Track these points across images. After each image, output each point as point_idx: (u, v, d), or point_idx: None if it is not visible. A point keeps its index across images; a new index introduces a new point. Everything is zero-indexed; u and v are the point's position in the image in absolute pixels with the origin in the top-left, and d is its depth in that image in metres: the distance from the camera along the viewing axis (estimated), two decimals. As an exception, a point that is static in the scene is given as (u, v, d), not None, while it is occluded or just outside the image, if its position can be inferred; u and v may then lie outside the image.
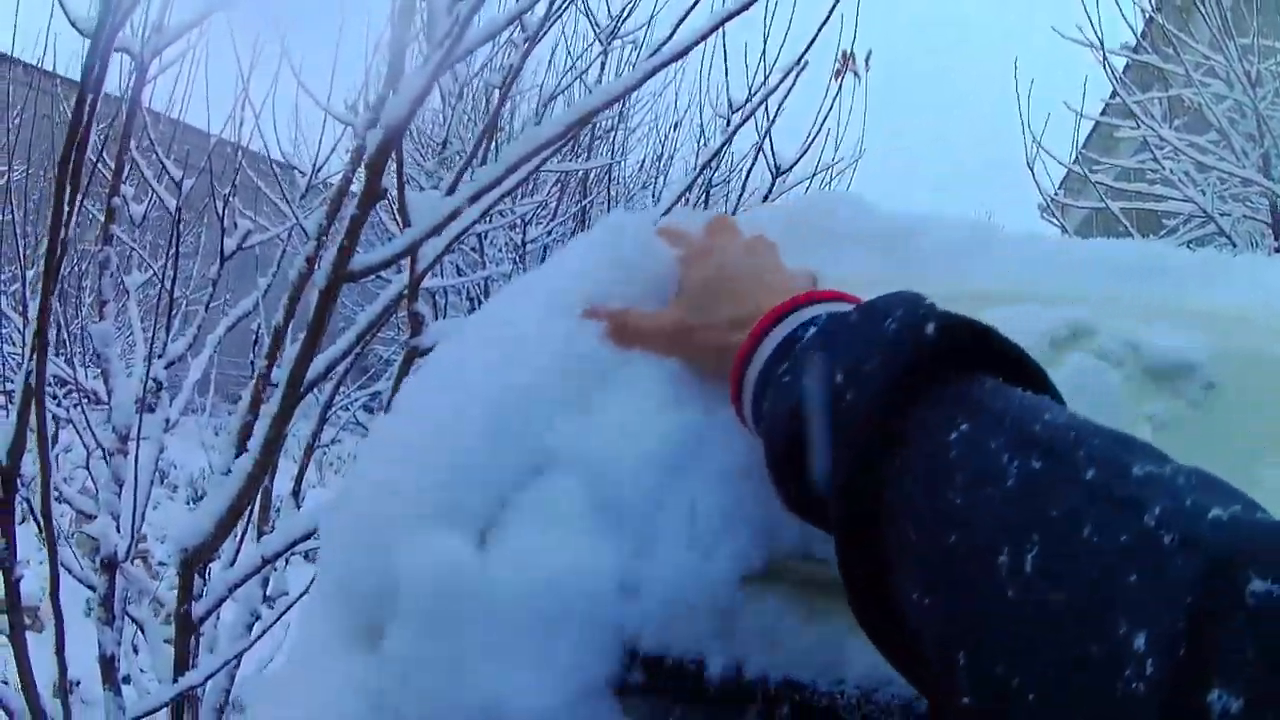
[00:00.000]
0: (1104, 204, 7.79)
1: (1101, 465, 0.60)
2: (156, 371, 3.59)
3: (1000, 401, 0.70)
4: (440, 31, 1.84)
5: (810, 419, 0.77)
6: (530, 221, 9.36)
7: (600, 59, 7.11)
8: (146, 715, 2.47)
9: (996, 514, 0.62)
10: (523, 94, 9.13)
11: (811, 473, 0.78)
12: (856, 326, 0.79)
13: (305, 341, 2.14)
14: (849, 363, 0.76)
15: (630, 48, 7.62)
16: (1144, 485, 0.58)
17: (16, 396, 2.36)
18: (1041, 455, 0.63)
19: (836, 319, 0.83)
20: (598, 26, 6.47)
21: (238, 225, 4.11)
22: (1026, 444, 0.64)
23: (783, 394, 0.82)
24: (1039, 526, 0.59)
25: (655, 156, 11.32)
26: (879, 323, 0.77)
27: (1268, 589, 0.48)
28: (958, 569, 0.63)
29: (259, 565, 2.37)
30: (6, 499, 2.54)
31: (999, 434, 0.66)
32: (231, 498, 2.15)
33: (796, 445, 0.78)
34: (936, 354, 0.74)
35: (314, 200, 5.51)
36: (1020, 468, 0.63)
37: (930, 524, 0.66)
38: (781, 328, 0.89)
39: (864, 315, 0.80)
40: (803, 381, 0.80)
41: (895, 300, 0.79)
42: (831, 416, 0.75)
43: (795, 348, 0.85)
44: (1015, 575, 0.58)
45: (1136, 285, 1.20)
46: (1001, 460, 0.64)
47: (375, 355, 12.66)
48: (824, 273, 1.09)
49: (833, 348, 0.79)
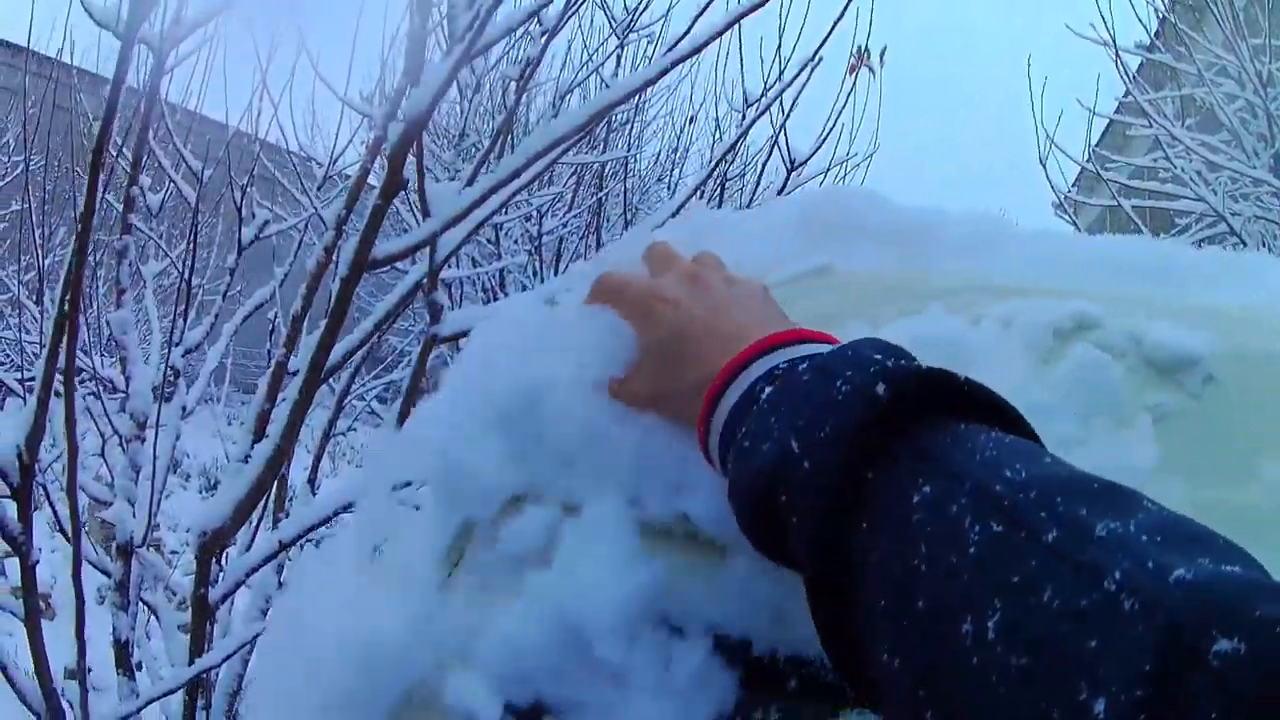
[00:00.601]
0: (1116, 202, 7.79)
1: (1063, 526, 0.60)
2: (174, 359, 3.63)
3: (961, 456, 0.70)
4: (461, 26, 1.86)
5: (770, 489, 0.77)
6: (546, 213, 9.38)
7: (616, 53, 7.15)
8: (163, 697, 2.51)
9: (959, 581, 0.63)
10: (539, 87, 9.16)
11: (779, 539, 0.78)
12: (809, 388, 0.79)
13: (326, 328, 2.17)
14: (802, 430, 0.76)
15: (646, 42, 7.60)
16: (1105, 546, 0.58)
17: (37, 383, 2.38)
18: (1002, 518, 0.63)
19: (791, 380, 0.82)
20: (614, 21, 6.50)
21: (255, 215, 4.14)
22: (987, 506, 0.65)
23: (743, 459, 0.81)
24: (1000, 592, 0.59)
25: (671, 150, 11.35)
26: (830, 384, 0.77)
27: (1233, 648, 0.49)
28: (924, 634, 0.63)
29: (275, 550, 2.40)
30: (24, 485, 2.57)
31: (960, 495, 0.66)
32: (251, 483, 2.18)
33: (761, 511, 0.78)
34: (890, 413, 0.73)
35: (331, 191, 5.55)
36: (981, 532, 0.63)
37: (896, 590, 0.66)
38: (741, 379, 0.87)
39: (816, 375, 0.79)
40: (760, 448, 0.79)
41: (849, 357, 0.79)
42: (791, 487, 0.75)
43: (753, 408, 0.83)
44: (979, 641, 0.59)
45: (1143, 282, 1.20)
46: (963, 524, 0.65)
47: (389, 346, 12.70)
48: (839, 265, 1.11)
49: (787, 413, 0.79)
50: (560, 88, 6.12)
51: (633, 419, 0.97)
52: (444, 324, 2.45)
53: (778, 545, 0.79)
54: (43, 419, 2.42)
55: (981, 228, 1.30)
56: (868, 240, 1.23)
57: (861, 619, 0.70)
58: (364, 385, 7.45)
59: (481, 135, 9.54)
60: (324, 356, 2.16)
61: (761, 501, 0.77)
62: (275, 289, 4.17)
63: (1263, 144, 7.44)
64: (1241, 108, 7.70)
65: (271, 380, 2.54)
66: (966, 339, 0.99)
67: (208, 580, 2.37)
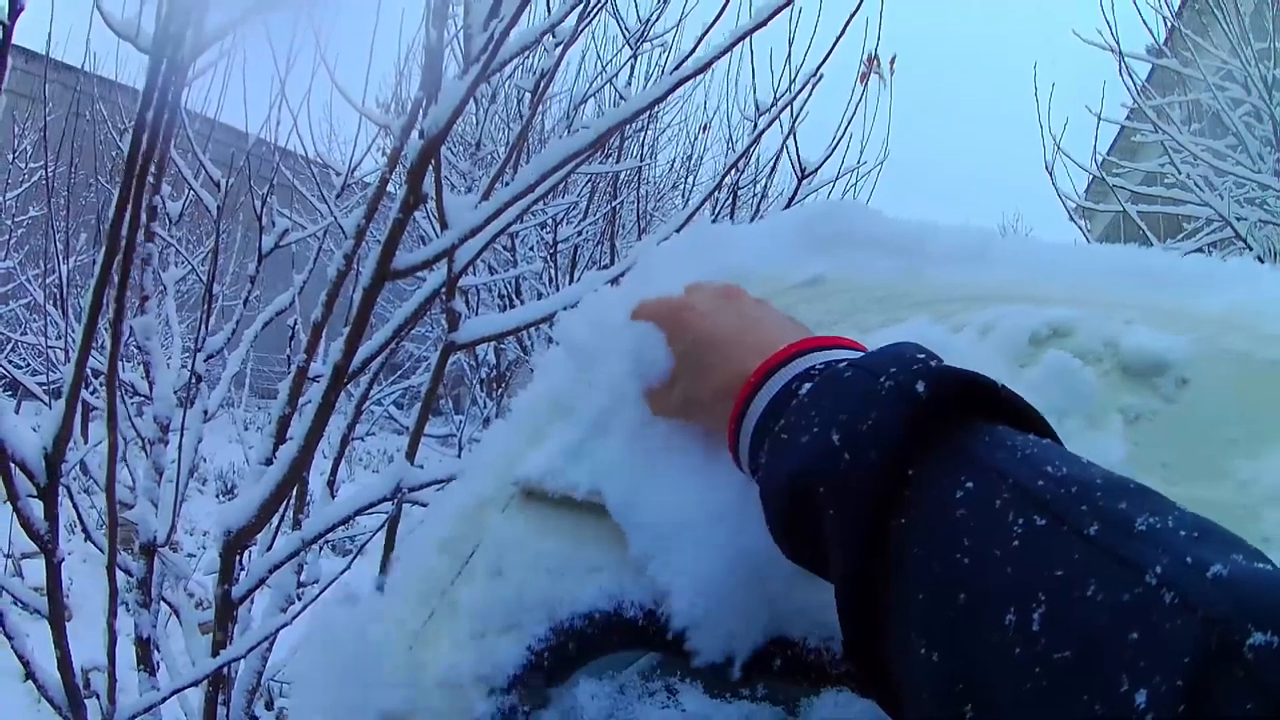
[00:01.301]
0: (1122, 209, 7.81)
1: (1103, 521, 0.61)
2: (196, 364, 3.70)
3: (1001, 455, 0.71)
4: (476, 47, 1.93)
5: (808, 482, 0.77)
6: (561, 221, 9.45)
7: (630, 63, 7.20)
8: (189, 687, 2.57)
9: (1003, 574, 0.63)
10: (554, 97, 9.23)
11: (811, 531, 0.78)
12: (851, 383, 0.80)
13: (349, 335, 2.24)
14: (845, 423, 0.77)
15: (660, 50, 7.70)
16: (1145, 541, 0.59)
17: (67, 386, 2.45)
18: (1044, 513, 0.64)
19: (831, 375, 0.83)
20: (627, 31, 6.57)
21: (275, 223, 4.21)
22: (1029, 501, 0.65)
23: (780, 451, 0.83)
24: (1044, 586, 0.60)
25: (685, 157, 11.43)
26: (874, 380, 0.78)
27: (1267, 641, 0.50)
28: (966, 627, 0.64)
29: (299, 547, 2.47)
30: (50, 485, 2.65)
31: (1002, 491, 0.67)
32: (275, 483, 2.25)
33: (796, 504, 0.79)
34: (931, 410, 0.74)
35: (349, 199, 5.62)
36: (1024, 526, 0.64)
37: (937, 583, 0.67)
38: (776, 379, 0.90)
39: (858, 372, 0.80)
40: (800, 440, 0.80)
41: (889, 356, 0.80)
42: (831, 480, 0.75)
43: (791, 402, 0.85)
44: (1022, 633, 0.59)
45: (1127, 288, 1.24)
46: (1006, 518, 0.65)
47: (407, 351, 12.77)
48: (831, 275, 1.17)
49: (828, 406, 0.80)
50: (574, 98, 6.20)
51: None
52: (461, 331, 2.51)
53: (805, 543, 0.80)
54: (70, 420, 2.50)
55: (969, 239, 1.36)
56: (861, 251, 1.28)
57: (897, 614, 0.70)
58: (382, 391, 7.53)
59: (497, 144, 9.63)
60: (347, 362, 2.23)
61: (797, 494, 0.78)
62: (295, 296, 4.23)
63: (1268, 148, 7.47)
64: (1247, 112, 7.72)
65: (293, 385, 2.61)
66: (947, 345, 1.01)
67: (232, 577, 2.45)
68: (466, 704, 0.97)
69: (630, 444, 1.02)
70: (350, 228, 2.49)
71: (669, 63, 7.24)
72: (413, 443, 2.64)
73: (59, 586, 2.77)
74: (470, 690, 0.97)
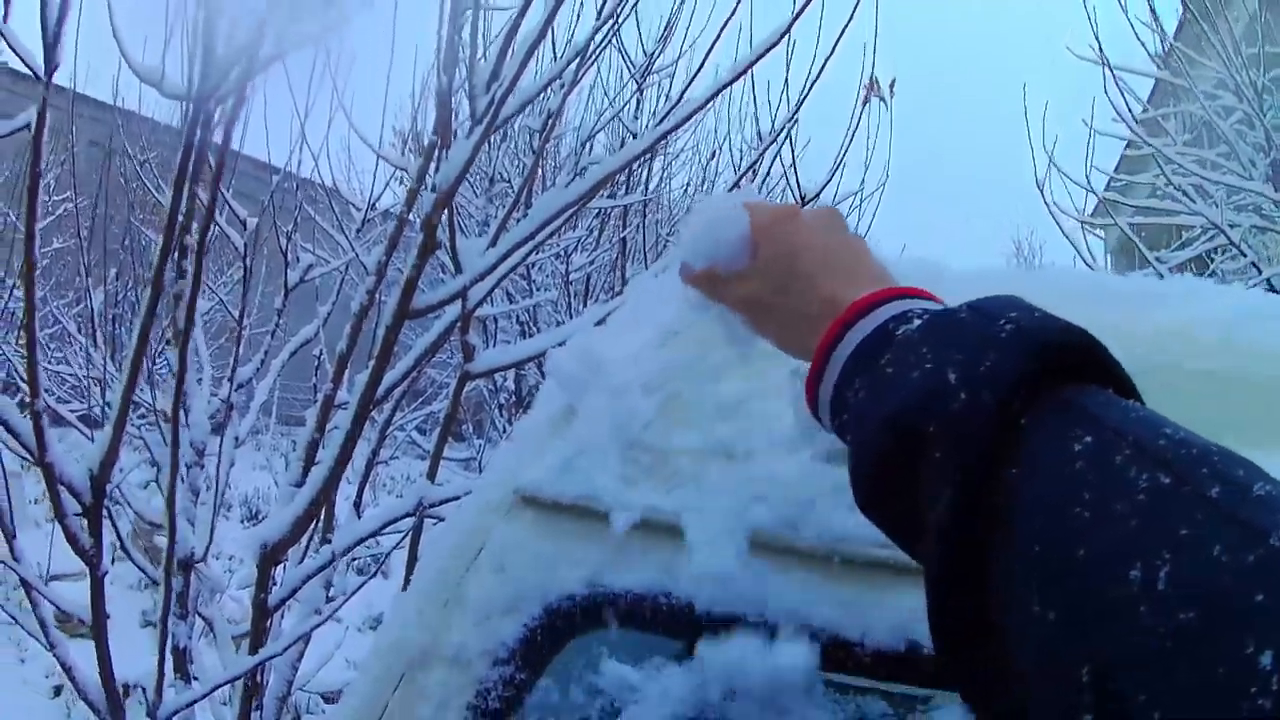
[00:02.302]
0: (1114, 222, 7.94)
1: (1225, 482, 0.61)
2: (228, 394, 3.92)
3: (1117, 414, 0.70)
4: (480, 108, 2.14)
5: (918, 417, 0.76)
6: (575, 250, 9.65)
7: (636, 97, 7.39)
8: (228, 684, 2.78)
9: (1127, 529, 0.62)
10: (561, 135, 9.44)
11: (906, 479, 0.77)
12: (966, 325, 0.78)
13: (374, 368, 2.45)
14: (963, 362, 0.75)
15: (666, 80, 7.78)
16: (1265, 505, 0.59)
17: (114, 412, 2.67)
18: (1167, 471, 0.63)
19: (943, 315, 0.81)
20: (632, 66, 6.75)
21: (300, 259, 4.43)
22: (1151, 459, 0.65)
23: (883, 387, 0.81)
24: (1170, 544, 0.59)
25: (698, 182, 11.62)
26: (993, 322, 0.76)
27: None
28: (1086, 583, 0.62)
29: (330, 559, 2.68)
30: (95, 504, 2.86)
31: (1123, 447, 0.66)
32: (308, 502, 2.47)
33: (899, 443, 0.77)
34: (1053, 360, 0.73)
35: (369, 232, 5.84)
36: (1148, 482, 0.63)
37: (1054, 536, 0.65)
38: (871, 318, 0.88)
39: (976, 314, 0.78)
40: (909, 375, 0.78)
41: (1006, 302, 0.79)
42: (944, 417, 0.74)
43: (895, 338, 0.83)
44: (1148, 592, 0.58)
45: (1075, 310, 1.42)
46: (1129, 474, 0.64)
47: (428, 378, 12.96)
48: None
49: (943, 344, 0.78)
50: (582, 134, 6.39)
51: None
52: (476, 362, 2.73)
53: (896, 493, 0.79)
54: (117, 446, 2.72)
55: (922, 269, 1.55)
56: None
57: (1003, 569, 0.69)
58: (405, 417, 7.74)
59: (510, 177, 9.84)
60: (373, 392, 2.44)
61: (901, 433, 0.77)
62: (319, 327, 4.45)
63: (1260, 154, 7.55)
64: (1239, 120, 7.81)
65: (321, 413, 2.83)
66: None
67: (268, 586, 2.66)
68: (476, 675, 1.18)
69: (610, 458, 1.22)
70: (371, 264, 2.71)
71: (674, 90, 7.44)
72: (433, 464, 2.85)
73: (102, 599, 2.98)
74: (477, 663, 1.17)
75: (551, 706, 1.15)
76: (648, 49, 6.82)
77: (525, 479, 1.26)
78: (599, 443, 1.22)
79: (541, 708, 1.15)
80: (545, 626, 1.15)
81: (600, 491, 1.18)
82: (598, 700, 1.12)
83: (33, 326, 2.78)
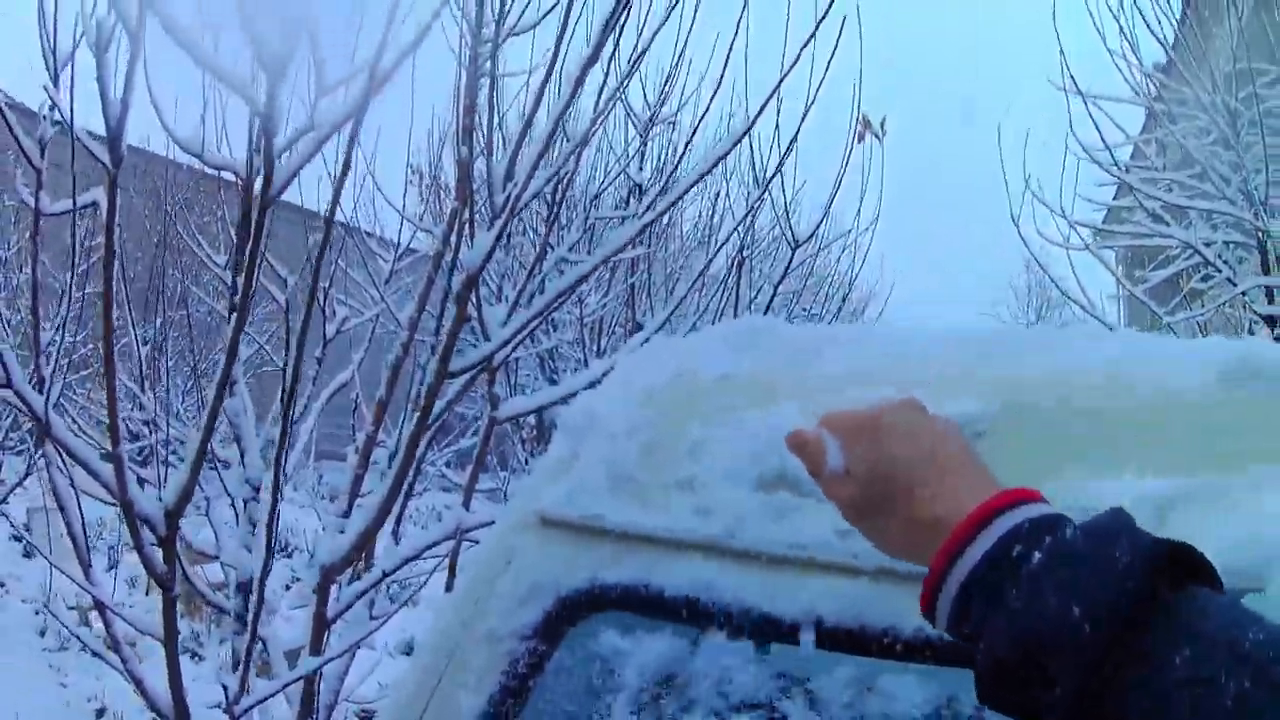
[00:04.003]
0: (1085, 246, 8.16)
1: None
2: (274, 435, 4.36)
3: (1211, 620, 0.82)
4: (499, 203, 2.58)
5: (1046, 648, 0.85)
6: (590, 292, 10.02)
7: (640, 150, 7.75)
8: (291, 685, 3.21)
9: None
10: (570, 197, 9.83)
11: (1033, 693, 0.87)
12: (1085, 557, 0.88)
13: (419, 420, 2.88)
14: (1087, 598, 0.85)
15: (671, 128, 8.10)
16: None
17: (191, 453, 3.10)
18: (1252, 676, 0.74)
19: (1063, 546, 0.91)
20: (636, 120, 7.08)
21: (335, 313, 4.87)
22: (1238, 664, 0.76)
23: (1013, 615, 0.89)
24: None
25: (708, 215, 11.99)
26: (1109, 551, 0.87)
27: None
28: None
29: (379, 578, 3.12)
30: (170, 535, 3.30)
31: (1214, 655, 0.78)
32: (359, 532, 2.90)
33: (1028, 665, 0.87)
34: (1161, 576, 0.85)
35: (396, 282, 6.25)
36: (1235, 688, 0.74)
37: None
38: (985, 536, 0.97)
39: (1091, 542, 0.89)
40: (1039, 608, 0.87)
41: (1115, 525, 0.91)
42: (1071, 650, 0.84)
43: (1018, 570, 0.91)
44: None
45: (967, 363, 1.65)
46: (1219, 681, 0.75)
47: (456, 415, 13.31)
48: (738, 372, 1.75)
49: (1068, 580, 0.87)
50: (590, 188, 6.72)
51: None
52: (501, 410, 3.16)
53: (1023, 702, 0.89)
54: (193, 485, 3.15)
55: (854, 333, 1.92)
56: (771, 352, 1.81)
57: None
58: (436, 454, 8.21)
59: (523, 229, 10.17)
60: (419, 439, 2.87)
61: (1030, 658, 0.87)
62: (354, 371, 4.88)
63: (1236, 174, 7.67)
64: (1215, 140, 7.97)
65: (364, 451, 3.26)
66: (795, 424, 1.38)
67: (326, 601, 3.09)
68: (508, 649, 1.59)
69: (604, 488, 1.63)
70: (404, 320, 3.16)
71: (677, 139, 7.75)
72: (466, 496, 3.29)
73: (174, 618, 3.41)
74: (508, 640, 1.59)
75: (565, 669, 1.57)
76: (650, 101, 7.19)
77: (542, 503, 1.67)
78: (596, 477, 1.63)
79: (557, 670, 1.57)
80: (559, 611, 1.57)
81: (595, 512, 1.59)
82: (598, 663, 1.54)
83: (112, 384, 3.21)
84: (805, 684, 1.43)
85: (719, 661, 1.46)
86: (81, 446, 3.25)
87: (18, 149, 3.41)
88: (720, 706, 1.44)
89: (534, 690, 1.58)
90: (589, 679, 1.55)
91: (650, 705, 1.48)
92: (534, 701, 1.57)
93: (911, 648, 1.31)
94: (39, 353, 3.52)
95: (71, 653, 9.89)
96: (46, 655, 10.22)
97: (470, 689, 1.61)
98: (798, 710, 1.42)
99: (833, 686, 1.41)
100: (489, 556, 1.72)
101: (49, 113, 3.69)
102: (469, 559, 1.80)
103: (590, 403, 1.76)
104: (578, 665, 1.57)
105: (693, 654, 1.48)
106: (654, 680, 1.49)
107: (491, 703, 1.59)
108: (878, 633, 1.35)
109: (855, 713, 1.38)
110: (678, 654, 1.49)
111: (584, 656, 1.56)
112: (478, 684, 1.61)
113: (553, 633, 1.58)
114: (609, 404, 1.74)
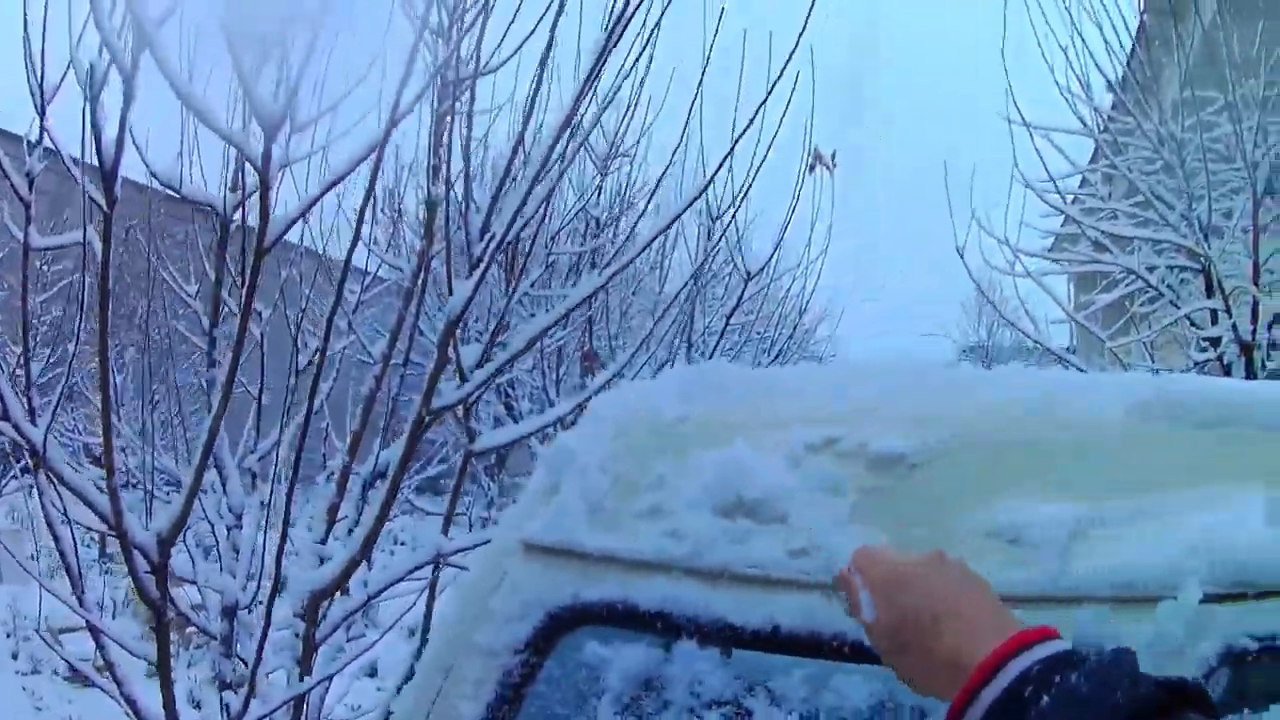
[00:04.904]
0: (1028, 273, 8.28)
1: None
2: (251, 464, 4.55)
3: None
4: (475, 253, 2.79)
5: None
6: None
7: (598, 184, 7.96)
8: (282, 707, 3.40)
9: None
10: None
11: None
12: (1090, 701, 0.96)
13: (403, 455, 3.08)
14: None
15: (627, 161, 8.26)
16: None
17: (188, 486, 3.28)
18: None
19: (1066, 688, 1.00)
20: (596, 160, 7.28)
21: (308, 344, 5.06)
22: None
23: None
24: None
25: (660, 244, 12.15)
26: (1109, 694, 0.95)
27: None
28: None
29: (365, 600, 3.31)
30: (162, 562, 3.47)
31: None
32: (344, 561, 3.10)
33: None
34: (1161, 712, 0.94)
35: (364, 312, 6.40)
36: None
37: None
38: (1001, 677, 1.06)
39: (1093, 686, 0.97)
40: None
41: (1117, 668, 0.99)
42: None
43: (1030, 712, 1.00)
44: None
45: (903, 400, 1.85)
46: None
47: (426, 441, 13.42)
48: (692, 414, 1.95)
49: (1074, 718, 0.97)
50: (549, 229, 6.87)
51: None
52: (477, 444, 3.37)
53: None
54: (186, 515, 3.33)
55: (795, 374, 2.14)
56: (721, 392, 2.00)
57: None
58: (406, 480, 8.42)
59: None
60: (401, 476, 3.07)
61: None
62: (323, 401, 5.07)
63: (1179, 199, 7.78)
64: (1160, 167, 8.13)
65: (339, 481, 3.46)
66: (747, 458, 1.70)
67: (315, 624, 3.28)
68: (501, 661, 1.80)
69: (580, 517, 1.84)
70: (377, 354, 3.37)
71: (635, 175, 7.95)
72: (445, 523, 3.50)
73: (168, 640, 3.59)
74: (502, 653, 1.80)
75: (555, 678, 1.77)
76: (609, 137, 7.23)
77: (527, 531, 1.88)
78: (575, 506, 1.83)
79: (548, 680, 1.78)
80: (547, 626, 1.78)
81: (576, 538, 1.80)
82: (583, 671, 1.74)
83: (108, 420, 3.39)
84: (766, 684, 1.62)
85: (691, 666, 1.65)
86: (77, 478, 3.41)
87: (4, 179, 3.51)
88: (693, 705, 1.64)
89: (527, 697, 1.78)
90: (577, 685, 1.75)
91: (632, 706, 1.68)
92: (528, 707, 1.78)
93: (858, 651, 1.47)
94: (30, 384, 3.66)
95: (45, 676, 9.95)
96: (20, 678, 10.26)
97: (469, 698, 1.81)
98: (761, 707, 1.61)
99: (791, 686, 1.60)
100: (481, 578, 1.93)
101: (36, 145, 3.75)
102: (458, 582, 2.01)
103: (567, 440, 1.97)
104: (566, 674, 1.76)
105: (667, 661, 1.67)
106: (634, 685, 1.69)
107: (489, 710, 1.79)
108: (828, 638, 1.54)
109: (810, 708, 1.57)
110: (654, 661, 1.68)
111: (571, 666, 1.76)
112: (476, 693, 1.81)
113: (542, 645, 1.78)
114: (583, 441, 1.95)
